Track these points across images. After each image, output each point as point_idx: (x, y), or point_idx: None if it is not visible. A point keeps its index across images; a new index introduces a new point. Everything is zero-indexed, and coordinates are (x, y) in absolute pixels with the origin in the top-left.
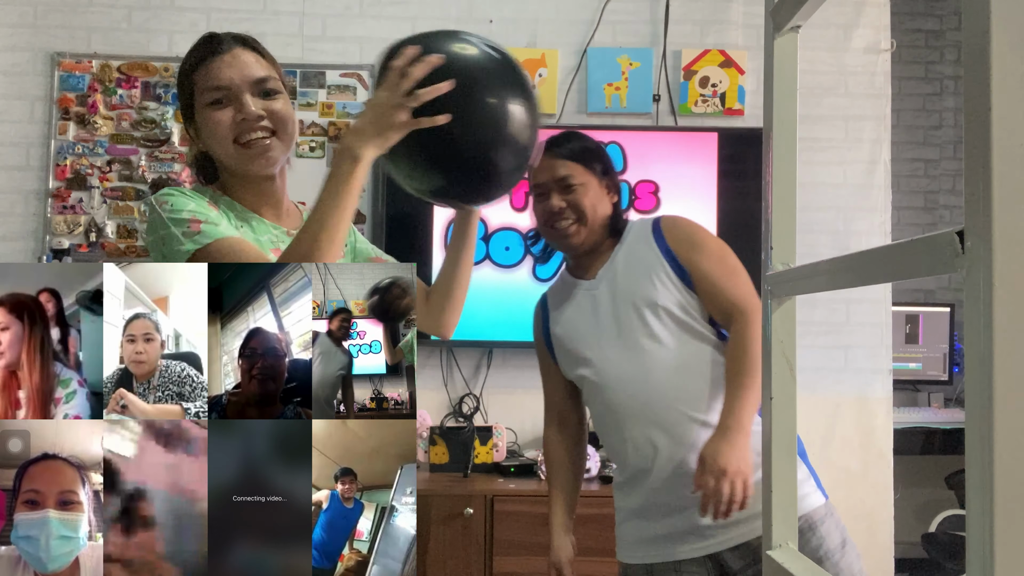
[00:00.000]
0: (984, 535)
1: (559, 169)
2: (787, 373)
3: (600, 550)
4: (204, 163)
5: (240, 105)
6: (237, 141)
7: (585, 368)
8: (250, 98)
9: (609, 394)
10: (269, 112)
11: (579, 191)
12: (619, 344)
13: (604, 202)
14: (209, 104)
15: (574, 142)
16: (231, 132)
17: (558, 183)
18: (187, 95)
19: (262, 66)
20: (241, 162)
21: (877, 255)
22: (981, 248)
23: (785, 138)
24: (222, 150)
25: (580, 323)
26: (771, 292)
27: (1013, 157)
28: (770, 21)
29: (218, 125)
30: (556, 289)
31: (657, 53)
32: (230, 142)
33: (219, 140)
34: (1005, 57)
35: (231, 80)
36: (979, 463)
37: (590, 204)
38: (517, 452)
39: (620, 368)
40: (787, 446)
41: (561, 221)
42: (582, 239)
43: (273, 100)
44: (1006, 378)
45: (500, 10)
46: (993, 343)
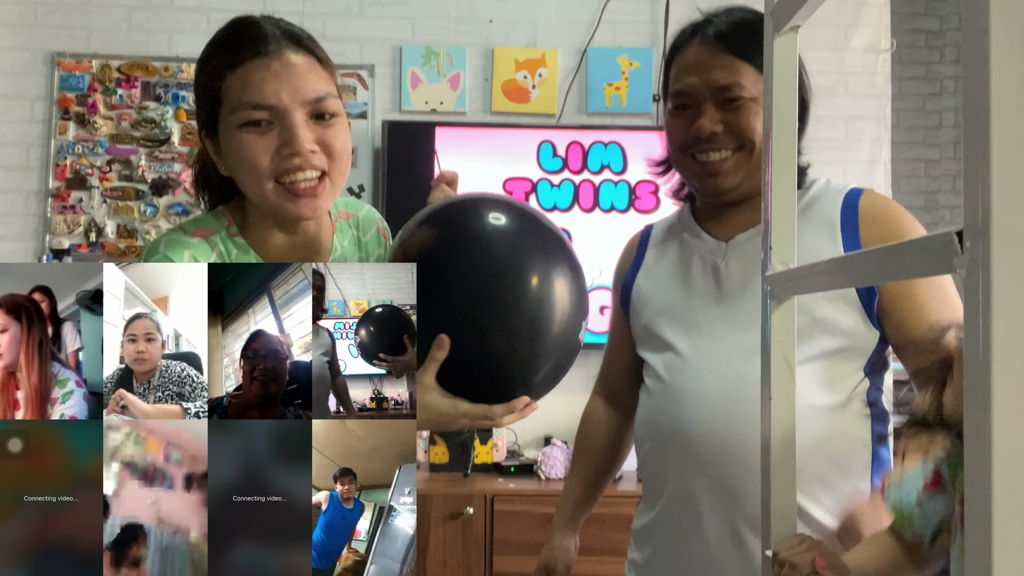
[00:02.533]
0: (982, 535)
1: (717, 70)
2: (787, 373)
3: (600, 550)
4: (213, 180)
5: (289, 135)
6: (279, 180)
7: (657, 353)
8: (303, 125)
9: (680, 409)
10: (323, 144)
11: (746, 109)
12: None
13: None
14: (244, 125)
15: (742, 17)
16: (272, 167)
17: (716, 93)
18: (210, 101)
19: (321, 78)
20: (280, 206)
21: (877, 255)
22: (980, 248)
23: (785, 138)
24: (255, 187)
25: (679, 295)
26: (771, 292)
27: (1012, 157)
28: (770, 21)
29: (256, 156)
30: (668, 230)
31: (657, 53)
32: (269, 180)
33: (253, 174)
34: (1005, 57)
35: (280, 100)
36: (977, 463)
37: (760, 129)
38: (517, 452)
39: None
40: (787, 446)
41: (711, 151)
42: (737, 181)
43: (330, 126)
44: (1005, 378)
45: (500, 10)
46: (992, 343)
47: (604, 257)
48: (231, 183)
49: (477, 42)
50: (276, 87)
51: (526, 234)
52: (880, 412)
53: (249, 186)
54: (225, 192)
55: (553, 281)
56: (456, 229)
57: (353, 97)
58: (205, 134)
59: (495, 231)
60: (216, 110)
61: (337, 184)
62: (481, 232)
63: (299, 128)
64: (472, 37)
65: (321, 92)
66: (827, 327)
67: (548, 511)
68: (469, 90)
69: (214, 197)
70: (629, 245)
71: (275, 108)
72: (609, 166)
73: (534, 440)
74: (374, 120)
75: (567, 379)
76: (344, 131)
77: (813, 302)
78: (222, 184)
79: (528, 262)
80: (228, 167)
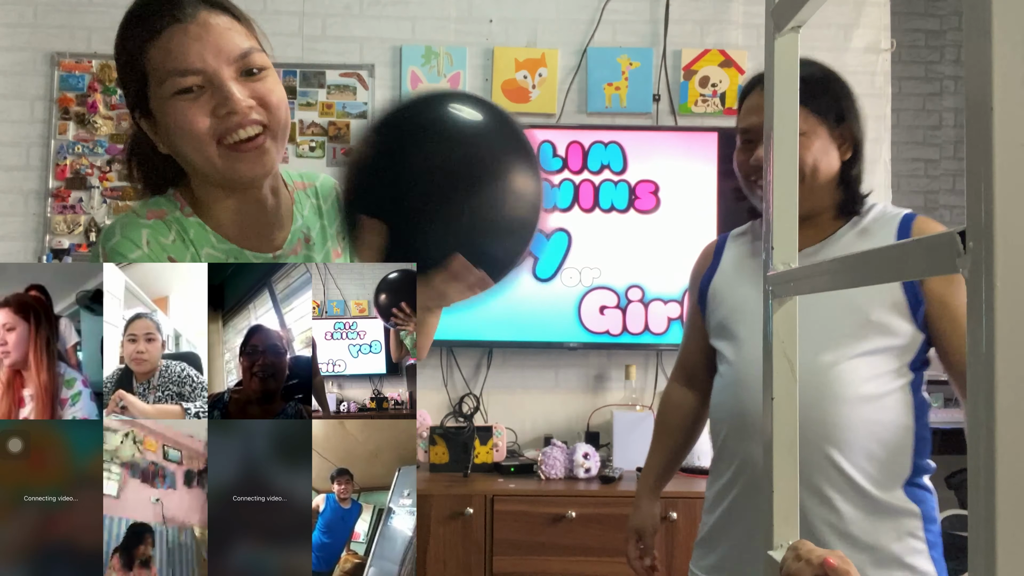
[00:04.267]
0: (986, 536)
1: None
2: (788, 373)
3: (600, 550)
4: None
5: (223, 95)
6: (221, 142)
7: (729, 344)
8: (234, 82)
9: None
10: (258, 98)
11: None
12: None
13: (832, 157)
14: (176, 94)
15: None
16: (212, 129)
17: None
18: (137, 81)
19: (241, 34)
20: (228, 168)
21: (878, 255)
22: (982, 248)
23: (785, 138)
24: (200, 155)
25: (748, 293)
26: (772, 292)
27: (1015, 157)
28: (770, 21)
29: (193, 121)
30: (743, 238)
31: (657, 53)
32: (212, 143)
33: (194, 141)
34: (1007, 56)
35: (205, 62)
36: (980, 463)
37: (812, 160)
38: (517, 452)
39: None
40: (788, 446)
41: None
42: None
43: (260, 80)
44: (1007, 379)
45: (500, 10)
46: (995, 344)
47: (604, 257)
48: (172, 164)
49: (477, 42)
50: (200, 50)
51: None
52: (921, 401)
53: (192, 154)
54: (165, 175)
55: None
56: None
57: (353, 97)
58: (139, 114)
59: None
60: (144, 86)
61: (280, 138)
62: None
63: (231, 84)
64: (472, 37)
65: (245, 48)
66: (879, 328)
67: (548, 511)
68: (469, 90)
69: (155, 180)
70: (706, 251)
71: (203, 71)
72: (609, 166)
73: (534, 440)
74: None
75: (566, 381)
76: (276, 83)
77: (867, 306)
78: (162, 166)
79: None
80: (167, 142)
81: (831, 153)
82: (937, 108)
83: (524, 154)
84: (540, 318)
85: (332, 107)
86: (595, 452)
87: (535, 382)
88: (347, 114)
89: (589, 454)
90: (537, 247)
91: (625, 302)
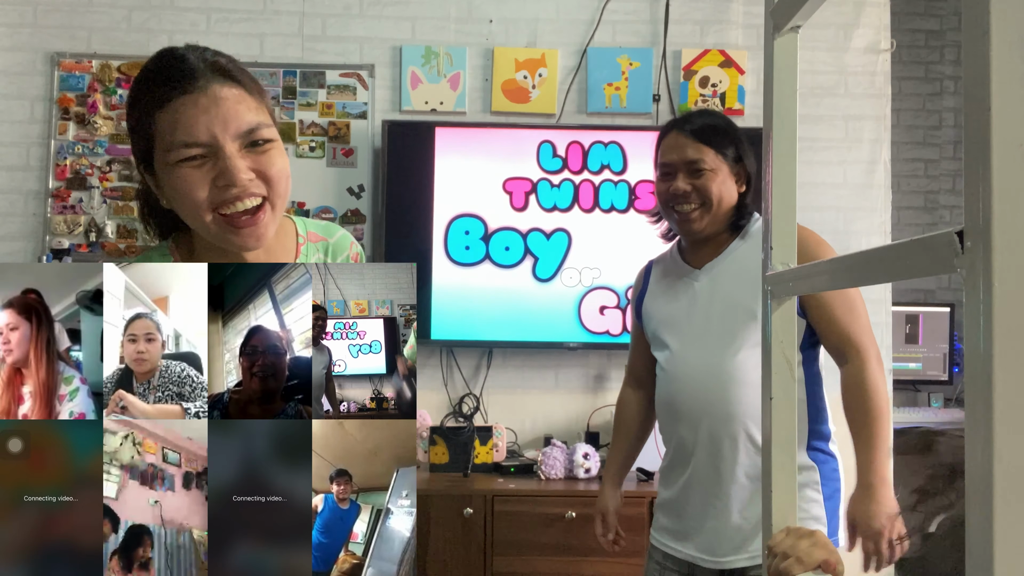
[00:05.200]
0: (984, 536)
1: (689, 150)
2: (787, 373)
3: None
4: (158, 210)
5: (224, 167)
6: (218, 211)
7: (661, 351)
8: (237, 156)
9: (675, 387)
10: (259, 171)
11: (707, 176)
12: (702, 344)
13: (731, 190)
14: (179, 161)
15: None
16: (210, 199)
17: (687, 165)
18: (145, 139)
19: (251, 108)
20: (220, 238)
21: (877, 255)
22: (981, 248)
23: (785, 138)
24: (196, 221)
25: (671, 308)
26: (771, 292)
27: (1013, 157)
28: (770, 21)
29: (193, 190)
30: (662, 262)
31: (657, 53)
32: (208, 212)
33: (192, 208)
34: (1005, 57)
35: (212, 135)
36: (979, 463)
37: (717, 191)
38: (517, 452)
39: (694, 367)
40: (787, 446)
41: (684, 204)
42: (703, 225)
43: (264, 152)
44: (1006, 378)
45: (500, 10)
46: (993, 343)
47: (604, 257)
48: (175, 213)
49: (477, 42)
50: (207, 123)
51: None
52: (814, 374)
53: (190, 219)
54: (172, 221)
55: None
56: None
57: (353, 97)
58: (143, 168)
59: None
60: (151, 147)
61: (278, 208)
62: None
63: (233, 160)
64: (472, 37)
65: (252, 123)
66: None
67: (548, 511)
68: (469, 90)
69: (161, 227)
70: (638, 275)
71: (208, 144)
72: (609, 166)
73: (534, 440)
74: (374, 120)
75: (566, 381)
76: (280, 155)
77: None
78: (168, 214)
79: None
80: (168, 200)
81: (731, 186)
82: (937, 108)
83: None
84: (540, 318)
85: (332, 107)
86: (595, 452)
87: (535, 382)
88: (347, 114)
89: (589, 454)
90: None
91: (625, 302)
